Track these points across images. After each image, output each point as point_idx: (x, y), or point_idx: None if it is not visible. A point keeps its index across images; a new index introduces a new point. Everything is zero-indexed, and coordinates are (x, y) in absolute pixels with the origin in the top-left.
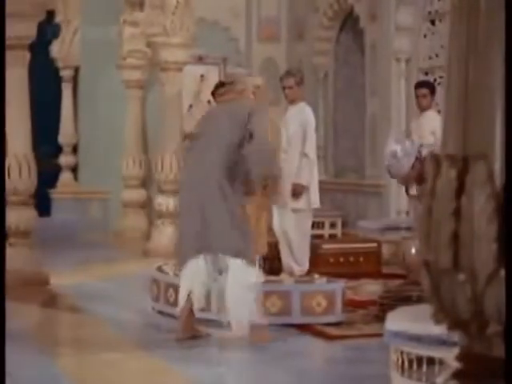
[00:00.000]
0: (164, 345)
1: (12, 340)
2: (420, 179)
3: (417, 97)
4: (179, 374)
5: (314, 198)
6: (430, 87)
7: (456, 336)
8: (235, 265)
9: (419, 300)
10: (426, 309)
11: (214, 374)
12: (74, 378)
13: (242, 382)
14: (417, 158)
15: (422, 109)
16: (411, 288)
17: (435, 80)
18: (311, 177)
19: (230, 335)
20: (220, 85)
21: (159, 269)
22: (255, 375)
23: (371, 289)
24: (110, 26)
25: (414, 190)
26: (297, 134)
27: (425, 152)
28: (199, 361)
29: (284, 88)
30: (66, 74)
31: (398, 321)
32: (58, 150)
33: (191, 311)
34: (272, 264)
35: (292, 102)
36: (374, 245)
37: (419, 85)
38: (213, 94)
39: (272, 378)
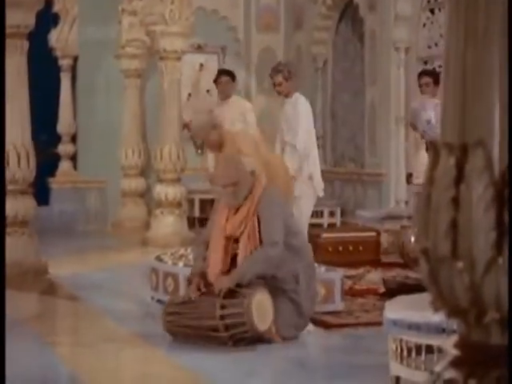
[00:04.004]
0: (162, 334)
1: (10, 329)
2: None
3: (420, 85)
4: (177, 363)
5: (317, 187)
6: (434, 76)
7: (454, 324)
8: None
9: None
10: (424, 297)
11: (211, 363)
12: (72, 367)
13: (240, 371)
14: None
15: None
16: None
17: (434, 69)
18: (300, 167)
19: None
20: (222, 72)
21: (158, 258)
22: (252, 364)
23: (370, 278)
24: (109, 15)
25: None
26: (292, 127)
27: None
28: (197, 351)
29: (274, 85)
30: (64, 63)
31: (396, 309)
32: (57, 139)
33: None
34: None
35: (286, 96)
36: (373, 234)
37: (423, 73)
38: (215, 81)
39: (270, 366)
